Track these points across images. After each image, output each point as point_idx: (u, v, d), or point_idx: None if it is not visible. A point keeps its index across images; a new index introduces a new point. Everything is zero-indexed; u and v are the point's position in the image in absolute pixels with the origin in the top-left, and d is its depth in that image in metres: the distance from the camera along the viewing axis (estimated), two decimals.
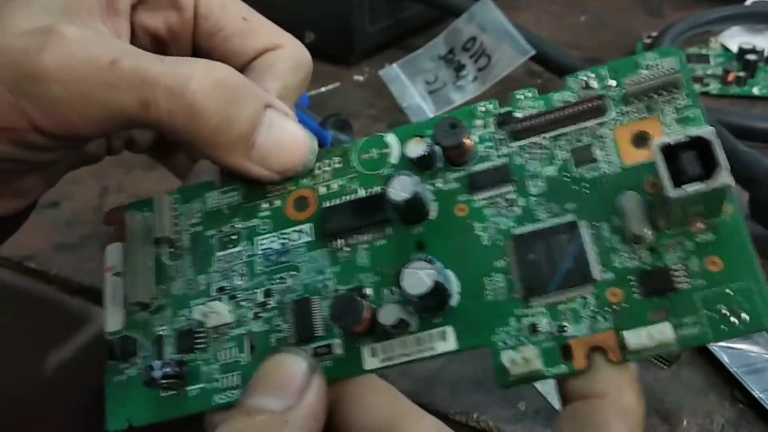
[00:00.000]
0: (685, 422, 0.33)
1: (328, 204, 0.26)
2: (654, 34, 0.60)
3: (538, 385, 0.35)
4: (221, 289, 0.27)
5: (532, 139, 0.25)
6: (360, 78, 0.63)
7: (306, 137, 0.26)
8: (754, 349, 0.36)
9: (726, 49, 0.61)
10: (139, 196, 0.30)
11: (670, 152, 0.21)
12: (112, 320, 0.27)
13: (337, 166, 0.27)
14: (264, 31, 0.29)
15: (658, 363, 0.36)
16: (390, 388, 0.26)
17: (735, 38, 0.61)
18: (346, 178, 0.27)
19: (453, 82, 0.57)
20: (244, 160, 0.25)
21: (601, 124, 0.24)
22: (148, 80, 0.23)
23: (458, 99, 0.56)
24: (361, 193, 0.26)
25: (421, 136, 0.25)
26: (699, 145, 0.21)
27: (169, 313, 0.27)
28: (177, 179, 0.35)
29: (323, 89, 0.62)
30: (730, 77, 0.57)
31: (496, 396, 0.34)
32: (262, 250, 0.27)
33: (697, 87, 0.57)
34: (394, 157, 0.26)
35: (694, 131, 0.21)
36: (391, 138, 0.27)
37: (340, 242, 0.26)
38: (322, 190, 0.27)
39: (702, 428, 0.33)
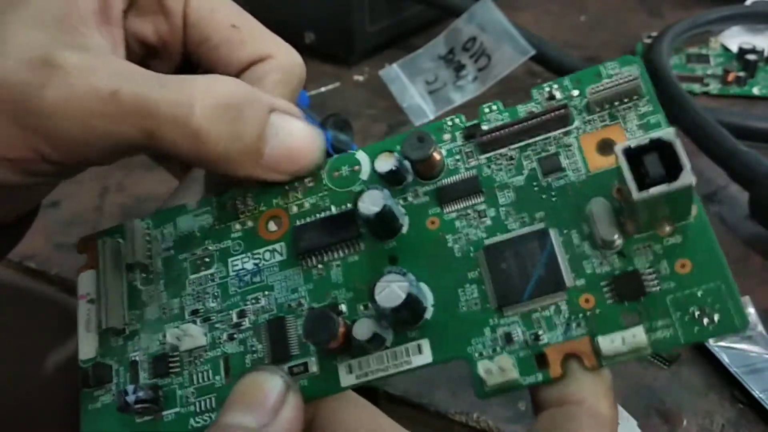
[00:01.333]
0: (685, 422, 0.33)
1: (299, 222, 0.26)
2: (654, 34, 0.60)
3: None
4: (195, 312, 0.26)
5: (500, 151, 0.25)
6: (360, 78, 0.63)
7: (313, 136, 0.26)
8: (754, 349, 0.36)
9: (726, 49, 0.61)
10: (139, 197, 0.30)
11: (634, 156, 0.21)
12: (86, 348, 0.27)
13: (309, 185, 0.27)
14: (253, 40, 0.28)
15: (659, 363, 0.36)
16: (368, 405, 0.26)
17: (735, 38, 0.61)
18: (317, 196, 0.26)
19: (453, 82, 0.57)
20: (256, 169, 0.25)
21: (566, 133, 0.25)
22: (149, 111, 0.23)
23: (458, 99, 0.56)
24: (333, 210, 0.26)
25: (391, 151, 0.25)
26: (662, 147, 0.21)
27: (143, 339, 0.27)
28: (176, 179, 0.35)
29: (323, 89, 0.62)
30: (730, 77, 0.57)
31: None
32: (235, 271, 0.26)
33: (697, 87, 0.57)
34: (364, 174, 0.26)
35: (656, 134, 0.21)
36: (361, 155, 0.27)
37: (312, 260, 0.26)
38: (294, 209, 0.27)
39: (702, 428, 0.33)
